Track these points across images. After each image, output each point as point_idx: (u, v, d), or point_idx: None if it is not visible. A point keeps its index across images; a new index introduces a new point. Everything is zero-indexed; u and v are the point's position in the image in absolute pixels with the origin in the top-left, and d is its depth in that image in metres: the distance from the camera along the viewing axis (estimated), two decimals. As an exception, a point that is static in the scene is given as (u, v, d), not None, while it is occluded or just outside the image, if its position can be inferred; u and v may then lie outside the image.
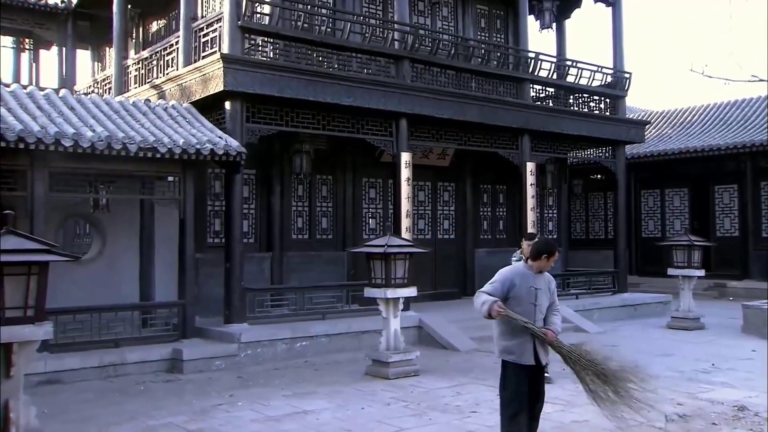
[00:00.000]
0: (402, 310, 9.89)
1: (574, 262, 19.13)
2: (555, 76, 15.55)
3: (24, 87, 10.75)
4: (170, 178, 10.58)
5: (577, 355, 5.61)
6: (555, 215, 18.48)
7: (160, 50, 13.27)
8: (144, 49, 14.77)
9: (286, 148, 13.15)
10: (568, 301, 14.69)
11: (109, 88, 15.02)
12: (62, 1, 16.79)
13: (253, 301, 11.33)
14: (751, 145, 18.40)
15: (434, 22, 15.64)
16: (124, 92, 13.91)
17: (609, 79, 16.52)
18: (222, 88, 10.62)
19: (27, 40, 18.46)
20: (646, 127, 19.15)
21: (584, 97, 16.39)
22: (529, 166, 14.75)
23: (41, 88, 10.82)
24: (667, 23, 62.66)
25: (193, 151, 9.86)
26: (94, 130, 9.28)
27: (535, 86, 15.51)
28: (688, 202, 20.86)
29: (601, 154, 17.04)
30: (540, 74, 15.22)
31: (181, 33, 12.30)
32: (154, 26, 15.61)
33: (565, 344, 5.67)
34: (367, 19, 13.43)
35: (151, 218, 11.57)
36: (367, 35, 12.78)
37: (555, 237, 18.25)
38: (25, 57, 18.69)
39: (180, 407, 7.75)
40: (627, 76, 16.60)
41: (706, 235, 18.29)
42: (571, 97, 16.21)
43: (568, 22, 18.19)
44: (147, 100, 11.34)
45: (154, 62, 13.45)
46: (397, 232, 12.04)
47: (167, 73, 12.76)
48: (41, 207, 9.23)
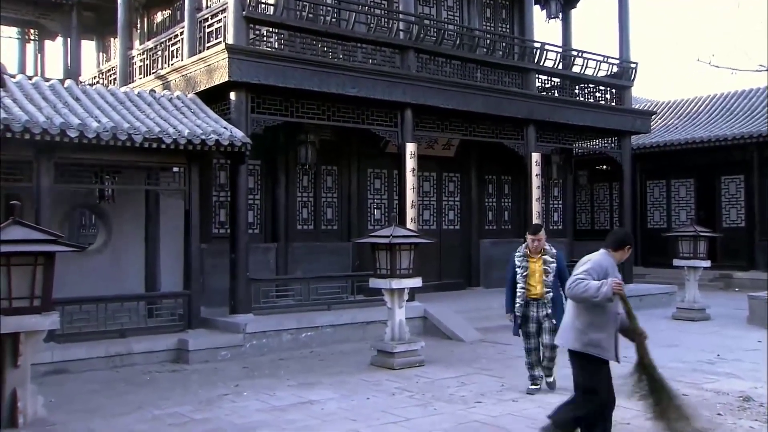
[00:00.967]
0: (407, 301, 9.90)
1: (580, 253, 18.93)
2: (561, 66, 15.47)
3: (29, 78, 10.76)
4: (175, 169, 10.60)
5: (651, 364, 5.31)
6: (560, 206, 18.43)
7: (165, 41, 13.25)
8: (149, 40, 14.75)
9: (291, 139, 13.14)
10: (574, 292, 14.71)
11: (114, 79, 15.02)
12: (67, -8, 16.78)
13: (258, 292, 11.36)
14: (758, 136, 18.31)
15: (439, 12, 15.57)
16: (129, 83, 13.91)
17: (615, 69, 16.45)
18: (227, 79, 10.61)
19: (32, 31, 18.49)
20: (652, 117, 19.09)
21: (590, 88, 16.32)
22: (535, 157, 14.72)
23: (46, 79, 10.81)
24: (673, 13, 62.36)
25: (198, 142, 9.86)
26: (99, 121, 9.29)
27: (541, 76, 15.46)
28: (694, 193, 20.78)
29: (606, 145, 16.99)
30: (545, 64, 15.17)
31: (186, 23, 12.29)
32: (159, 17, 15.59)
33: (648, 349, 5.36)
34: (372, 9, 13.37)
35: (156, 209, 11.59)
36: (372, 25, 12.74)
37: (560, 228, 18.23)
38: (30, 48, 18.73)
39: (186, 397, 7.79)
40: (633, 66, 16.53)
41: (712, 225, 18.22)
42: (577, 87, 16.15)
43: (574, 12, 18.10)
44: (152, 91, 11.33)
45: (159, 53, 13.43)
46: (402, 223, 12.05)
47: (172, 64, 12.74)
48: (47, 198, 9.26)
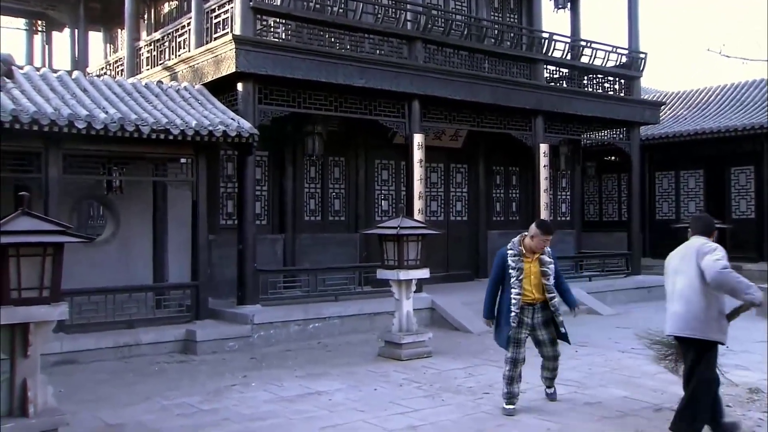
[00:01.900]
0: (414, 292, 9.91)
1: (588, 244, 19.03)
2: (569, 57, 15.38)
3: (37, 69, 10.77)
4: (183, 160, 10.60)
5: None
6: (568, 197, 18.38)
7: (172, 32, 13.24)
8: (156, 31, 14.74)
9: (299, 130, 13.12)
10: (582, 283, 14.70)
11: (122, 70, 15.03)
12: (74, -17, 16.78)
13: (265, 283, 11.37)
14: (769, 126, 18.16)
15: (447, 2, 15.47)
16: (137, 74, 13.92)
17: (624, 60, 16.35)
18: (234, 70, 10.60)
19: (39, 22, 18.53)
20: (661, 108, 18.98)
21: (598, 78, 16.22)
22: (543, 148, 14.66)
23: (54, 70, 10.83)
24: (683, 2, 61.83)
25: (206, 133, 9.87)
26: (107, 112, 9.30)
27: (549, 67, 15.38)
28: (703, 184, 20.64)
29: (615, 136, 16.91)
30: (554, 55, 15.08)
31: (193, 14, 12.26)
32: (166, 7, 15.56)
33: None
34: (380, 0, 13.33)
35: (164, 200, 11.61)
36: (379, 16, 12.69)
37: (568, 219, 18.19)
38: (37, 39, 18.78)
39: (194, 388, 7.82)
40: (642, 56, 16.42)
41: (722, 217, 18.09)
42: (586, 77, 16.06)
43: (582, 2, 17.96)
44: (159, 82, 11.34)
45: (166, 44, 13.43)
46: (410, 214, 12.04)
47: (179, 55, 12.74)
48: (55, 189, 9.30)
